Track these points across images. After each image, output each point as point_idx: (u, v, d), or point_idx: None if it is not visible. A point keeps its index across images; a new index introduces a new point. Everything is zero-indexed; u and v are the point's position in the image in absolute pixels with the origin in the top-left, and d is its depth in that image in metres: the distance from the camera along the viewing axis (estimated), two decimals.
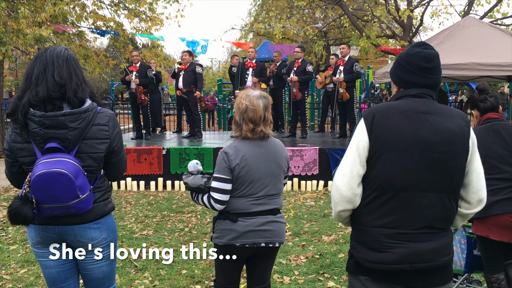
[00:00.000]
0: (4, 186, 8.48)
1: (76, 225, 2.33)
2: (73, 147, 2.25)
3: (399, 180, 1.96)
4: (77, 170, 2.20)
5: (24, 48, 11.42)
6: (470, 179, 2.05)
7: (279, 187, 2.74)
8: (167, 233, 5.60)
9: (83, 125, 2.25)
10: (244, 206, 2.64)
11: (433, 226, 1.99)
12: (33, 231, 2.36)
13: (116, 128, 2.40)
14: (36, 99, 2.19)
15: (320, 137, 10.69)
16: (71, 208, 2.22)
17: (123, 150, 2.50)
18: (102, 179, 2.45)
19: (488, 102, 3.20)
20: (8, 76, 32.52)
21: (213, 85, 30.84)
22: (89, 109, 2.28)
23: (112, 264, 2.52)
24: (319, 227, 5.88)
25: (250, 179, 2.62)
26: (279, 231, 2.72)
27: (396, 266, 1.97)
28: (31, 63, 2.31)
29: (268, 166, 2.66)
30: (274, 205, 2.71)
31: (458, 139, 1.99)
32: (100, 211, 2.39)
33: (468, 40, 9.06)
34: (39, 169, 2.16)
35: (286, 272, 4.35)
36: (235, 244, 2.64)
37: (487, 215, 3.04)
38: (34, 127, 2.20)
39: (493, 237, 3.08)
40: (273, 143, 2.75)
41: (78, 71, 2.31)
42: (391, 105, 2.06)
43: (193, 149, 8.43)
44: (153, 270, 4.37)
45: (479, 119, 3.25)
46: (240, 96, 2.69)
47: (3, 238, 5.41)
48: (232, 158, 2.61)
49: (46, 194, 2.17)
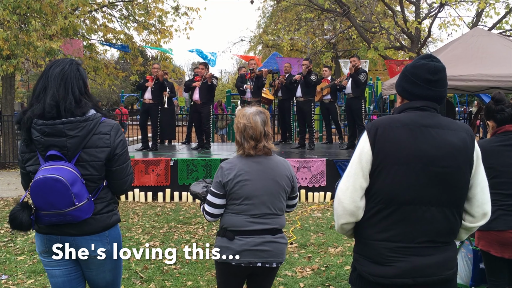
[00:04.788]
0: (13, 196, 8.56)
1: (78, 237, 2.34)
2: (73, 155, 2.29)
3: (401, 194, 1.95)
4: (74, 178, 2.23)
5: (34, 61, 11.56)
6: (475, 193, 2.04)
7: (278, 206, 2.67)
8: (173, 244, 5.60)
9: (82, 133, 2.28)
10: (240, 223, 2.61)
11: (436, 240, 1.97)
12: (39, 240, 2.40)
13: (119, 137, 2.41)
14: (33, 115, 2.28)
15: (327, 148, 10.68)
16: (67, 216, 2.24)
17: (128, 161, 2.49)
18: (105, 190, 2.45)
19: (506, 113, 3.07)
20: (20, 88, 32.94)
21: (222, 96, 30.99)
22: (90, 118, 2.32)
23: (118, 273, 2.54)
24: (325, 238, 5.85)
25: (244, 195, 2.59)
26: (277, 252, 2.66)
27: (399, 280, 1.96)
28: (38, 79, 2.39)
29: (265, 184, 2.61)
30: (273, 224, 2.64)
31: (462, 153, 1.98)
32: (103, 223, 2.39)
33: (476, 51, 9.04)
34: (37, 176, 2.22)
35: (292, 284, 4.33)
36: (231, 263, 2.62)
37: (490, 229, 2.99)
38: (36, 135, 2.27)
39: (494, 252, 3.03)
40: (274, 160, 2.70)
41: (76, 88, 2.33)
42: (395, 118, 2.05)
43: (200, 160, 8.46)
44: (159, 282, 4.37)
45: (495, 130, 3.12)
46: (237, 116, 2.69)
47: (11, 248, 5.45)
48: (226, 173, 2.60)
49: (43, 200, 2.22)
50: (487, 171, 3.02)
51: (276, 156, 2.74)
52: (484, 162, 2.98)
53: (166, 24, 13.80)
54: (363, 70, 9.69)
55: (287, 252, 5.25)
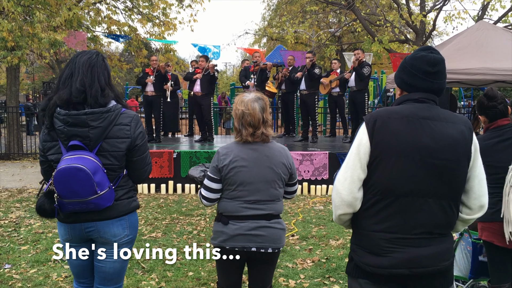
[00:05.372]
0: (18, 187, 8.63)
1: (99, 221, 2.44)
2: (95, 145, 2.38)
3: (399, 186, 1.96)
4: (96, 167, 2.32)
5: (39, 52, 11.60)
6: (472, 185, 2.04)
7: (273, 193, 2.68)
8: (175, 236, 5.64)
9: (104, 124, 2.37)
10: (234, 208, 2.64)
11: (433, 231, 1.98)
12: (62, 228, 2.51)
13: (139, 128, 2.50)
14: (60, 101, 2.36)
15: (331, 141, 10.67)
16: (90, 204, 2.34)
17: (147, 151, 2.59)
18: (125, 178, 2.55)
19: (498, 110, 3.11)
20: (25, 80, 33.06)
21: (227, 89, 30.94)
22: (112, 109, 2.40)
23: (125, 263, 2.62)
24: (327, 231, 5.87)
25: (238, 181, 2.62)
26: (272, 237, 2.67)
27: (395, 271, 1.97)
28: (64, 67, 2.49)
29: (261, 171, 2.63)
30: (268, 210, 2.66)
31: (460, 146, 1.98)
32: (123, 208, 2.50)
33: (481, 45, 9.00)
34: (61, 165, 2.30)
35: (292, 275, 4.35)
36: (226, 246, 2.66)
37: (493, 220, 3.02)
38: (59, 125, 2.36)
39: (497, 242, 3.06)
40: (271, 147, 2.70)
41: (102, 77, 2.44)
42: (393, 110, 2.06)
43: (203, 152, 8.49)
44: (160, 272, 4.40)
45: (488, 125, 3.17)
46: (236, 102, 2.70)
47: (15, 238, 5.50)
48: (222, 158, 2.63)
49: (66, 188, 2.31)
50: (486, 169, 3.04)
51: (274, 143, 2.74)
52: (482, 160, 3.01)
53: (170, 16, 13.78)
54: (366, 64, 9.65)
55: (288, 244, 5.27)
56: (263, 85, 10.17)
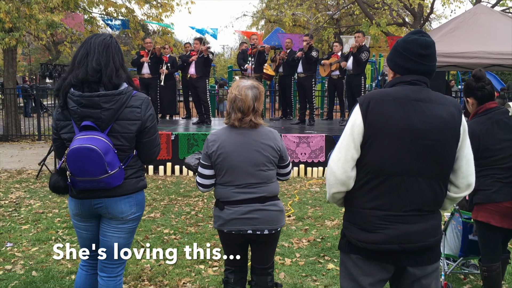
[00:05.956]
0: (17, 168, 8.69)
1: (108, 198, 2.55)
2: (106, 126, 2.47)
3: (390, 166, 2.03)
4: (107, 147, 2.41)
5: (36, 34, 11.55)
6: (460, 165, 2.12)
7: (263, 175, 2.73)
8: (174, 216, 5.74)
9: (116, 106, 2.46)
10: (227, 194, 2.73)
11: (422, 209, 2.07)
12: (73, 204, 2.63)
13: (149, 110, 2.59)
14: (76, 80, 2.44)
15: (328, 124, 10.74)
16: (100, 182, 2.44)
17: (157, 133, 2.69)
18: (135, 158, 2.65)
19: (486, 90, 3.19)
20: (21, 62, 32.83)
21: (225, 72, 30.84)
22: (123, 92, 2.49)
23: (129, 239, 2.74)
24: (322, 212, 5.98)
25: (227, 166, 2.69)
26: (268, 219, 2.74)
27: (385, 246, 2.06)
28: (78, 48, 2.56)
29: (248, 155, 2.69)
30: (261, 193, 2.73)
31: (450, 127, 2.06)
32: (131, 186, 2.60)
33: (478, 28, 9.00)
34: (73, 144, 2.40)
35: (288, 254, 4.47)
36: (224, 230, 2.76)
37: (491, 201, 3.11)
38: (72, 105, 2.45)
39: (494, 222, 3.13)
40: (259, 132, 2.75)
41: (117, 58, 2.53)
42: (386, 92, 2.12)
43: (201, 135, 8.55)
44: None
45: (477, 108, 3.24)
46: (232, 86, 2.77)
47: (16, 218, 5.59)
48: (210, 145, 2.72)
49: (78, 167, 2.41)
50: (483, 152, 3.12)
51: (262, 127, 2.80)
52: (479, 145, 3.09)
53: None
54: (366, 49, 9.65)
55: (285, 225, 5.37)
56: (261, 67, 10.20)
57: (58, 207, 6.04)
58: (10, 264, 4.14)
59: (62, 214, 5.70)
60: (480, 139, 3.08)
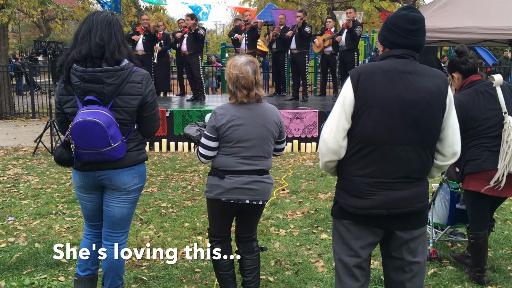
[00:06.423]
0: (13, 146, 8.75)
1: (111, 170, 2.67)
2: (109, 101, 2.57)
3: (379, 135, 2.15)
4: (110, 121, 2.52)
5: (27, 10, 11.45)
6: (446, 134, 2.24)
7: (267, 149, 2.89)
8: (170, 191, 5.86)
9: (118, 81, 2.55)
10: (230, 163, 2.84)
11: (409, 176, 2.19)
12: (77, 176, 2.74)
13: (149, 86, 2.69)
14: (79, 56, 2.53)
15: (321, 100, 10.83)
16: (104, 155, 2.56)
17: (157, 107, 2.80)
18: (136, 132, 2.77)
19: (469, 64, 3.33)
20: (11, 39, 32.41)
21: (217, 49, 30.64)
22: (125, 67, 2.58)
23: (132, 209, 2.86)
24: (316, 185, 6.12)
25: (236, 139, 2.80)
26: (264, 191, 2.91)
27: (375, 211, 2.19)
28: (80, 24, 2.65)
29: (256, 129, 2.82)
30: (261, 166, 2.88)
31: (436, 98, 2.17)
32: (133, 159, 2.72)
33: (470, 3, 9.04)
34: (77, 118, 2.49)
35: (282, 225, 4.61)
36: (221, 199, 2.87)
37: (481, 170, 3.23)
38: (75, 80, 2.54)
39: (484, 191, 3.25)
40: (264, 107, 2.89)
41: (119, 34, 2.61)
42: (376, 65, 2.23)
43: (196, 111, 8.62)
44: (158, 223, 4.64)
45: (462, 82, 3.36)
46: (229, 66, 2.85)
47: (15, 193, 5.68)
48: (219, 118, 2.81)
49: (83, 140, 2.51)
50: (470, 122, 3.24)
51: (266, 103, 2.93)
52: (466, 115, 3.21)
53: None
54: (358, 23, 9.70)
55: (279, 198, 5.52)
56: (254, 43, 10.20)
57: (57, 183, 6.14)
58: (12, 237, 4.25)
59: (61, 190, 5.81)
60: (467, 109, 3.20)
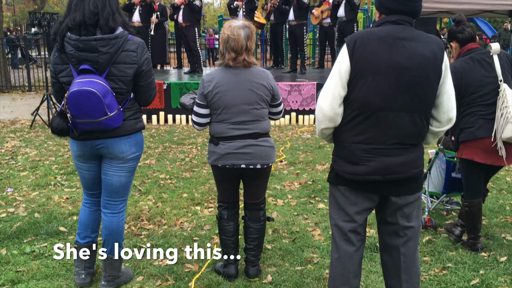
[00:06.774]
0: (10, 119, 8.73)
1: (109, 139, 2.67)
2: (104, 70, 2.55)
3: (375, 101, 2.15)
4: (106, 90, 2.51)
5: None
6: (441, 100, 2.24)
7: (257, 113, 2.86)
8: (168, 162, 5.89)
9: (112, 50, 2.52)
10: (222, 130, 2.86)
11: (404, 142, 2.20)
12: (75, 145, 2.75)
13: (145, 54, 2.67)
14: (73, 23, 2.49)
15: (319, 72, 10.78)
16: (100, 124, 2.56)
17: (153, 76, 2.78)
18: (132, 101, 2.76)
19: (466, 32, 3.32)
20: (5, 12, 31.93)
21: (215, 21, 30.27)
22: (119, 36, 2.55)
23: (130, 177, 2.88)
24: (313, 157, 6.15)
25: (223, 105, 2.81)
26: (260, 154, 2.89)
27: (370, 177, 2.21)
28: None
29: (243, 94, 2.80)
30: (254, 129, 2.87)
31: (432, 64, 2.16)
32: (130, 127, 2.72)
33: None
34: (73, 88, 2.48)
35: (280, 196, 4.66)
36: (218, 164, 2.90)
37: (475, 138, 3.25)
38: (70, 49, 2.51)
39: (478, 159, 3.27)
40: (252, 71, 2.85)
41: (113, 2, 2.57)
42: (372, 31, 2.22)
43: (193, 83, 8.59)
44: (156, 194, 4.68)
45: (459, 51, 3.36)
46: (224, 27, 2.83)
47: (13, 165, 5.71)
48: (206, 85, 2.82)
49: (79, 110, 2.51)
50: (466, 88, 3.24)
51: (255, 67, 2.89)
52: (461, 82, 3.21)
53: None
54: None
55: (277, 169, 5.56)
56: (251, 14, 10.08)
57: (55, 155, 6.16)
58: (12, 207, 4.29)
59: (59, 162, 5.83)
60: (462, 76, 3.21)
